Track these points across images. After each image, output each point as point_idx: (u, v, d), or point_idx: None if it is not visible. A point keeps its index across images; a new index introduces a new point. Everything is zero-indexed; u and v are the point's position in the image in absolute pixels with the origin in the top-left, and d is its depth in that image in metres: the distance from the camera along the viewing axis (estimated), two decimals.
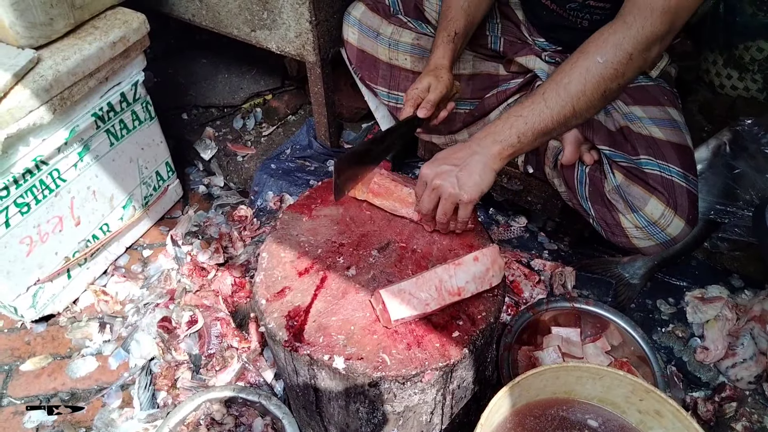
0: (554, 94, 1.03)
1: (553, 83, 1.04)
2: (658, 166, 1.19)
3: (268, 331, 1.00)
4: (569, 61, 1.04)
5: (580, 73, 1.02)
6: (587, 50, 1.03)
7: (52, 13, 1.33)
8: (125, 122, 1.59)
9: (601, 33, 1.03)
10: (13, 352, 1.56)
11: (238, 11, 1.63)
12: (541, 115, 1.03)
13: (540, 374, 1.00)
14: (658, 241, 1.23)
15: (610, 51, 1.00)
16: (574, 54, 1.05)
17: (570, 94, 1.02)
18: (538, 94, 1.05)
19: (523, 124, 1.04)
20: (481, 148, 1.05)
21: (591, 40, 1.04)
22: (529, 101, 1.05)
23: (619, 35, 1.00)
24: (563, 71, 1.04)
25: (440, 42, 1.28)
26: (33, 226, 1.43)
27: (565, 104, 1.03)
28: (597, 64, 1.01)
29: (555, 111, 1.03)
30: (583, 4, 1.26)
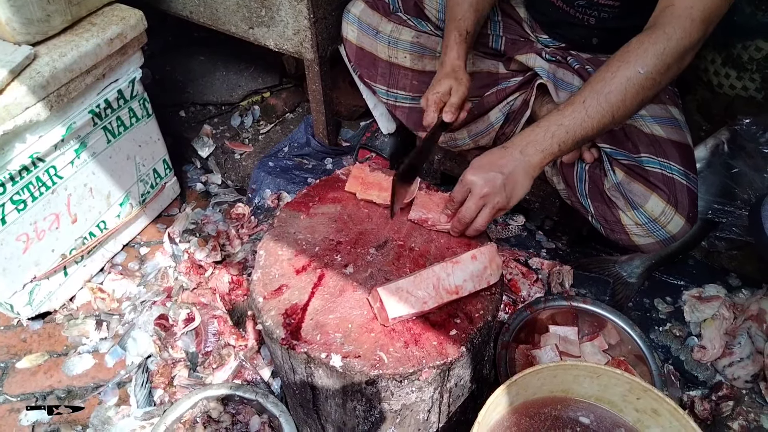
0: (595, 103, 1.04)
1: (593, 92, 1.05)
2: (659, 164, 1.19)
3: (265, 329, 0.99)
4: (609, 69, 1.05)
5: (621, 83, 1.03)
6: (627, 60, 1.03)
7: (49, 9, 1.33)
8: (122, 119, 1.58)
9: (641, 42, 1.03)
10: (9, 350, 1.55)
11: (236, 8, 1.63)
12: (582, 124, 1.04)
13: (537, 373, 1.00)
14: (658, 238, 1.23)
15: (651, 61, 1.01)
16: (613, 62, 1.05)
17: (611, 104, 1.04)
18: (578, 103, 1.05)
19: (564, 132, 1.05)
20: (523, 156, 1.05)
21: (631, 50, 1.04)
22: (570, 109, 1.05)
23: (659, 46, 1.01)
24: (603, 80, 1.04)
25: (452, 42, 1.28)
26: (29, 223, 1.42)
27: (605, 113, 1.04)
28: (638, 74, 1.02)
29: (595, 120, 1.04)
30: (591, 1, 1.26)
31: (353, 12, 1.50)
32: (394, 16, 1.48)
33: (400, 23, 1.47)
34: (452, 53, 1.27)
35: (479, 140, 1.47)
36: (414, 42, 1.46)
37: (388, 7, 1.50)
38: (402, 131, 1.80)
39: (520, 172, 1.05)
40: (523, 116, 1.37)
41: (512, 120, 1.40)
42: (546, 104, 1.37)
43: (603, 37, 1.34)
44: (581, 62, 1.35)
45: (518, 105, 1.39)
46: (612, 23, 1.28)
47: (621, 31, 1.31)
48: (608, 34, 1.32)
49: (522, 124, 1.38)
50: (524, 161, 1.05)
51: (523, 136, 1.07)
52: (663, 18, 1.03)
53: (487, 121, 1.44)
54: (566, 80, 1.35)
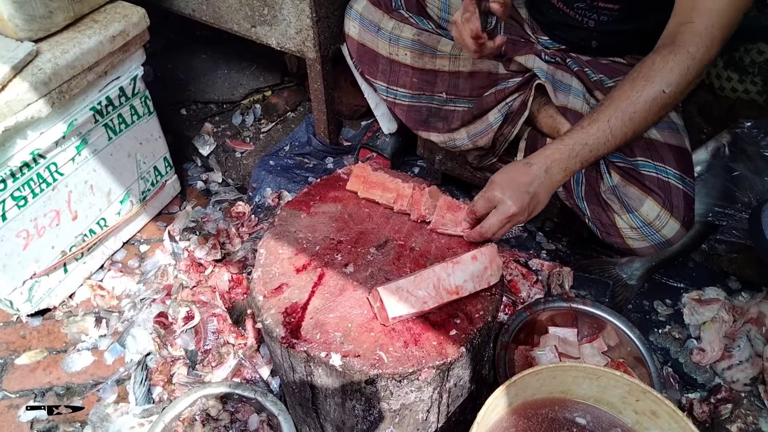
0: (620, 123, 1.05)
1: (618, 111, 1.05)
2: (654, 168, 1.19)
3: (265, 328, 0.99)
4: (634, 88, 1.05)
5: (646, 102, 1.04)
6: (653, 79, 1.04)
7: (51, 5, 1.33)
8: (124, 117, 1.58)
9: (665, 61, 1.04)
10: (8, 346, 1.55)
11: (238, 6, 1.63)
12: (606, 143, 1.06)
13: (536, 374, 1.00)
14: (652, 242, 1.23)
15: (676, 81, 1.03)
16: (638, 80, 1.05)
17: (635, 123, 1.05)
18: (602, 121, 1.05)
19: (588, 152, 1.06)
20: (548, 175, 1.06)
21: (656, 69, 1.04)
22: (594, 128, 1.06)
23: (684, 66, 1.02)
24: (629, 99, 1.05)
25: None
26: (30, 220, 1.42)
27: (628, 132, 1.06)
28: (662, 94, 1.03)
29: (618, 138, 1.06)
30: (590, 4, 1.26)
31: (355, 8, 1.51)
32: (396, 13, 1.49)
33: (401, 20, 1.47)
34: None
35: (477, 141, 1.47)
36: (415, 39, 1.46)
37: (390, 4, 1.50)
38: (403, 131, 1.80)
39: (544, 191, 1.06)
40: (521, 117, 1.37)
41: (510, 121, 1.40)
42: (544, 105, 1.37)
43: (602, 40, 1.34)
44: (580, 64, 1.35)
45: (517, 106, 1.39)
46: (611, 26, 1.29)
47: (620, 35, 1.31)
48: (607, 37, 1.32)
49: (520, 125, 1.38)
50: (548, 180, 1.06)
51: (547, 154, 1.07)
52: (684, 36, 1.04)
53: (486, 121, 1.44)
54: (564, 82, 1.35)
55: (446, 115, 1.50)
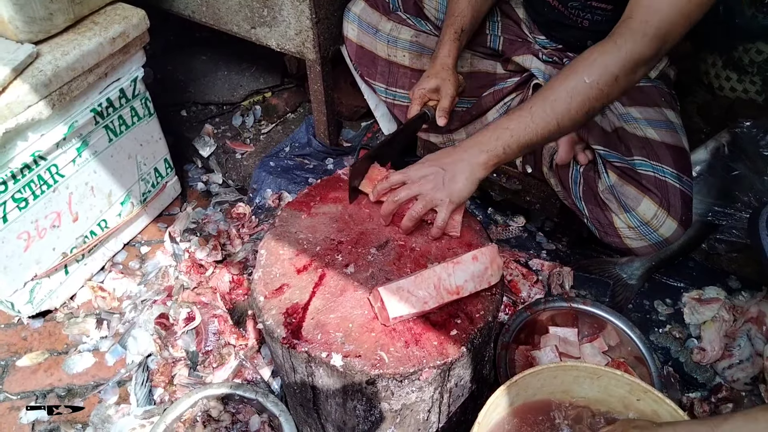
0: (540, 110, 1.04)
1: (541, 98, 1.05)
2: (651, 167, 1.20)
3: (266, 328, 1.00)
4: (559, 78, 1.05)
5: (567, 92, 1.03)
6: (576, 69, 1.03)
7: (51, 7, 1.33)
8: (124, 118, 1.58)
9: (591, 52, 1.03)
10: (9, 348, 1.55)
11: (238, 8, 1.63)
12: (527, 129, 1.05)
13: (537, 373, 1.00)
14: (650, 241, 1.23)
15: (597, 72, 1.01)
16: (564, 71, 1.06)
17: (555, 112, 1.03)
18: (525, 108, 1.06)
19: (509, 136, 1.05)
20: (468, 155, 1.06)
21: (581, 59, 1.04)
22: (517, 114, 1.06)
23: (607, 57, 1.01)
24: (552, 87, 1.05)
25: (446, 39, 1.29)
26: (31, 222, 1.42)
27: (549, 120, 1.04)
28: (583, 83, 1.01)
29: (540, 126, 1.04)
30: (584, 3, 1.26)
31: (354, 11, 1.51)
32: (394, 15, 1.49)
33: (399, 22, 1.48)
34: (444, 50, 1.29)
35: None
36: (413, 41, 1.46)
37: (388, 6, 1.50)
38: None
39: (461, 169, 1.06)
40: None
41: None
42: None
43: (597, 40, 1.34)
44: None
45: (515, 105, 1.39)
46: (606, 26, 1.28)
47: None
48: (602, 36, 1.32)
49: None
50: (467, 159, 1.06)
51: (473, 137, 1.09)
52: (618, 29, 1.02)
53: (485, 121, 1.44)
54: None
55: None
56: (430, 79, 1.26)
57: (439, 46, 1.30)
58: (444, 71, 1.27)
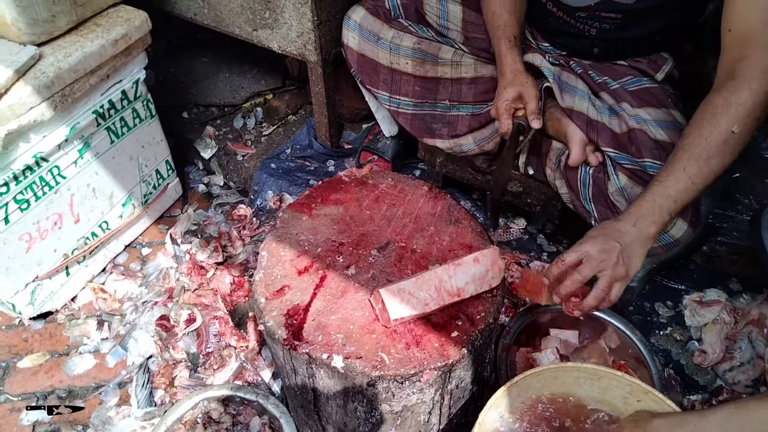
0: (697, 170, 1.04)
1: (692, 159, 1.04)
2: None
3: (267, 330, 1.00)
4: (702, 134, 1.04)
5: (717, 146, 1.03)
6: (718, 123, 1.03)
7: (54, 9, 1.34)
8: (126, 120, 1.59)
9: (728, 102, 1.03)
10: (10, 349, 1.55)
11: (240, 10, 1.63)
12: (688, 192, 1.06)
13: (538, 374, 1.00)
14: (661, 242, 1.23)
15: (742, 120, 1.02)
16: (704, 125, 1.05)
17: (712, 168, 1.05)
18: (679, 171, 1.05)
19: (672, 203, 1.06)
20: (637, 229, 1.05)
21: (720, 111, 1.04)
22: (672, 180, 1.06)
23: (750, 103, 1.02)
24: (698, 145, 1.04)
25: (504, 50, 1.30)
26: (32, 223, 1.42)
27: (707, 176, 1.05)
28: (732, 135, 1.03)
29: (699, 185, 1.06)
30: (593, 13, 1.26)
31: (354, 18, 1.50)
32: (395, 22, 1.48)
33: (401, 29, 1.47)
34: (508, 60, 1.29)
35: (484, 146, 1.47)
36: (415, 48, 1.46)
37: (389, 13, 1.49)
38: (404, 134, 1.80)
39: (636, 243, 1.05)
40: None
41: None
42: (549, 108, 1.37)
43: (604, 48, 1.34)
44: (584, 67, 1.35)
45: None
46: (613, 34, 1.29)
47: (622, 42, 1.32)
48: (609, 44, 1.33)
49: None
50: (638, 234, 1.05)
51: (632, 211, 1.07)
52: (745, 71, 1.03)
53: (493, 127, 1.44)
54: (570, 83, 1.35)
55: (451, 120, 1.50)
56: (508, 89, 1.27)
57: (500, 60, 1.31)
58: (519, 77, 1.27)
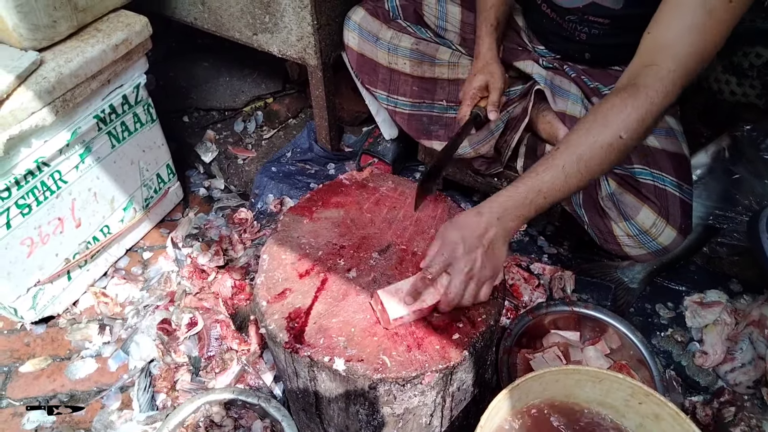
0: (574, 169, 0.99)
1: (573, 156, 0.99)
2: (651, 176, 1.20)
3: (269, 333, 1.00)
4: (590, 133, 0.99)
5: (602, 148, 0.98)
6: (608, 124, 0.98)
7: (55, 15, 1.34)
8: (127, 124, 1.59)
9: (624, 105, 0.98)
10: (12, 354, 1.56)
11: (240, 15, 1.64)
12: (562, 189, 1.00)
13: (539, 377, 1.00)
14: (649, 250, 1.23)
15: (633, 126, 0.97)
16: (594, 126, 0.99)
17: (590, 169, 0.99)
18: (557, 167, 0.99)
19: (542, 199, 1.00)
20: (501, 224, 0.99)
21: (613, 114, 0.98)
22: (549, 174, 0.99)
23: (643, 110, 0.97)
24: (584, 144, 0.99)
25: (483, 33, 1.30)
26: (34, 228, 1.43)
27: (583, 177, 1.00)
28: (619, 140, 0.98)
29: (573, 185, 1.00)
30: (582, 17, 1.27)
31: (354, 19, 1.52)
32: (394, 23, 1.50)
33: (399, 30, 1.48)
34: (484, 45, 1.30)
35: (479, 148, 1.48)
36: (413, 49, 1.47)
37: (388, 14, 1.51)
38: (404, 137, 1.81)
39: (500, 241, 1.00)
40: (521, 123, 1.38)
41: (512, 128, 1.41)
42: (542, 111, 1.38)
43: (595, 53, 1.35)
44: (577, 72, 1.36)
45: (517, 113, 1.40)
46: (603, 40, 1.29)
47: (612, 48, 1.32)
48: (599, 50, 1.33)
49: (521, 131, 1.39)
50: (501, 229, 0.99)
51: (500, 202, 1.01)
52: (645, 79, 0.98)
53: (487, 129, 1.45)
54: (563, 87, 1.36)
55: (448, 122, 1.50)
56: (477, 76, 1.26)
57: (478, 43, 1.31)
58: (489, 65, 1.27)
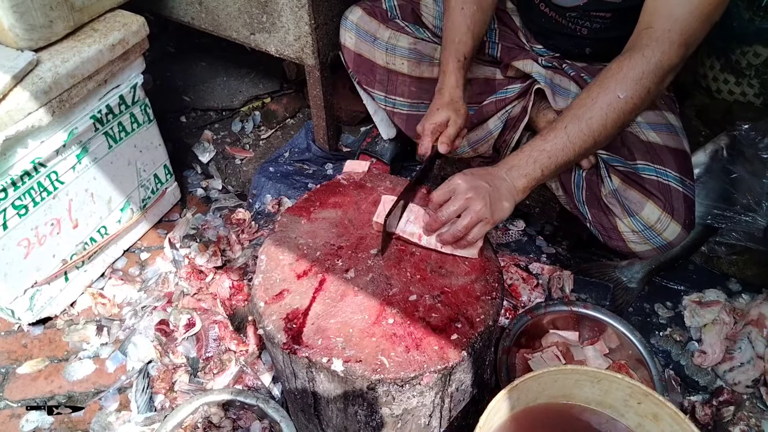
0: (576, 129, 1.05)
1: (574, 118, 1.05)
2: (655, 171, 1.20)
3: (267, 334, 1.00)
4: (589, 95, 1.05)
5: (602, 108, 1.03)
6: (607, 85, 1.04)
7: (51, 15, 1.34)
8: (124, 125, 1.59)
9: (620, 67, 1.03)
10: (9, 355, 1.55)
11: (237, 14, 1.64)
12: (564, 149, 1.06)
13: (538, 377, 1.00)
14: (654, 245, 1.23)
15: (630, 86, 1.02)
16: (593, 87, 1.06)
17: (592, 129, 1.05)
18: (560, 129, 1.06)
19: (546, 158, 1.05)
20: (510, 178, 1.06)
21: (610, 75, 1.04)
22: (552, 135, 1.06)
23: (638, 70, 1.02)
24: (584, 105, 1.05)
25: (450, 69, 1.27)
26: (31, 229, 1.42)
27: (587, 138, 1.05)
28: (617, 99, 1.03)
29: (577, 145, 1.05)
30: (583, 13, 1.27)
31: (351, 19, 1.51)
32: (392, 22, 1.49)
33: (397, 30, 1.47)
34: (451, 80, 1.27)
35: (478, 148, 1.47)
36: (411, 49, 1.46)
37: (386, 14, 1.50)
38: (402, 137, 1.81)
39: (504, 190, 1.05)
40: (521, 123, 1.38)
41: (512, 127, 1.40)
42: (543, 110, 1.38)
43: (596, 47, 1.35)
44: (576, 70, 1.36)
45: (517, 112, 1.40)
46: (604, 33, 1.29)
47: (613, 41, 1.32)
48: (601, 44, 1.33)
49: (520, 131, 1.39)
50: (510, 183, 1.06)
51: (507, 160, 1.08)
52: (641, 40, 1.03)
53: (486, 129, 1.45)
54: (563, 86, 1.36)
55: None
56: (440, 111, 1.24)
57: (443, 76, 1.28)
58: (453, 103, 1.25)
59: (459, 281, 1.06)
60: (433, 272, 1.08)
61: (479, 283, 1.06)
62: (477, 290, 1.05)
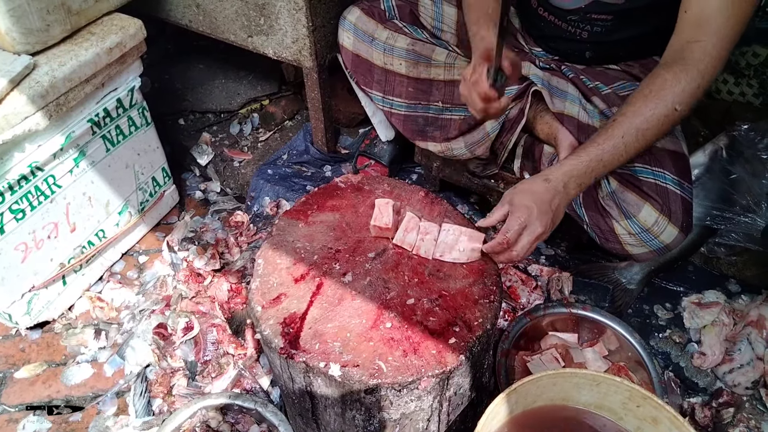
0: (633, 139, 1.08)
1: (632, 128, 1.08)
2: (652, 174, 1.20)
3: (264, 338, 0.99)
4: (646, 104, 1.08)
5: (658, 120, 1.07)
6: (665, 97, 1.07)
7: (48, 19, 1.33)
8: (121, 128, 1.58)
9: (677, 80, 1.06)
10: (7, 359, 1.55)
11: (235, 17, 1.63)
12: (620, 158, 1.10)
13: (537, 381, 1.00)
14: (651, 248, 1.23)
15: (687, 100, 1.06)
16: (649, 97, 1.08)
17: (647, 139, 1.09)
18: (617, 137, 1.08)
19: (602, 167, 1.09)
20: (565, 191, 1.08)
21: (668, 86, 1.07)
22: (610, 144, 1.09)
23: (695, 84, 1.06)
24: (641, 115, 1.08)
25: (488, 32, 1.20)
26: (28, 233, 1.42)
27: (639, 148, 1.10)
28: (674, 112, 1.07)
29: (630, 154, 1.10)
30: (584, 16, 1.27)
31: (349, 19, 1.51)
32: (390, 23, 1.49)
33: (395, 30, 1.47)
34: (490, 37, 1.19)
35: (475, 150, 1.47)
36: (409, 49, 1.46)
37: (384, 14, 1.50)
38: (401, 138, 1.80)
39: (563, 207, 1.09)
40: (518, 125, 1.38)
41: (509, 129, 1.40)
42: (540, 112, 1.37)
43: (596, 50, 1.34)
44: (575, 72, 1.36)
45: (514, 114, 1.39)
46: (605, 37, 1.29)
47: (613, 44, 1.32)
48: (601, 47, 1.33)
49: (517, 133, 1.38)
50: (565, 195, 1.08)
51: (565, 171, 1.09)
52: (694, 54, 1.06)
53: (483, 130, 1.44)
54: (560, 88, 1.35)
55: (443, 123, 1.50)
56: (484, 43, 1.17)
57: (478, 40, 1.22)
58: None
59: (457, 284, 1.06)
60: (431, 275, 1.08)
61: (477, 286, 1.06)
62: (475, 293, 1.05)
